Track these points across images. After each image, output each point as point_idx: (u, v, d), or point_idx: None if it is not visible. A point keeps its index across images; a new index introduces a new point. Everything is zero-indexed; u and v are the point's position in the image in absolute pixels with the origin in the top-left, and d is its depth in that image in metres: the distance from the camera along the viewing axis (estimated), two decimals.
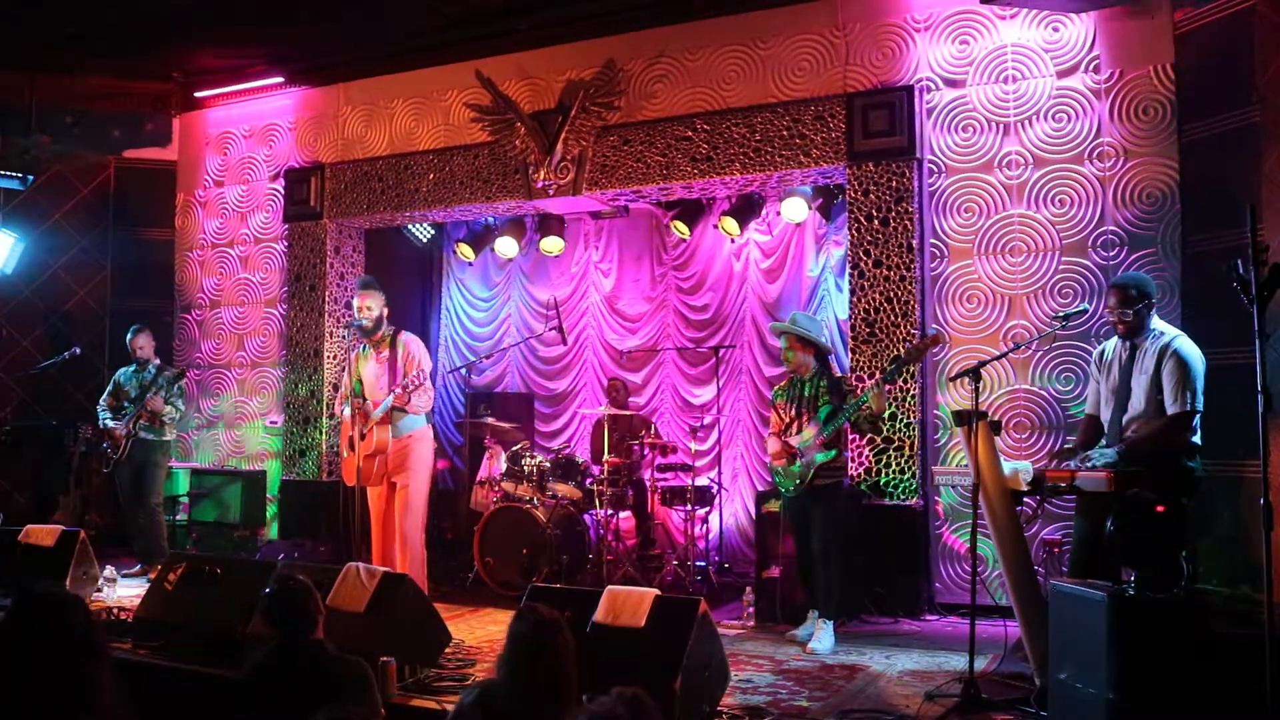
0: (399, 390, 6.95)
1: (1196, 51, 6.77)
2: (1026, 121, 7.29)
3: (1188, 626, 4.13)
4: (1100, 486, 4.95)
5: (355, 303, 7.34)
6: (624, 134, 8.46)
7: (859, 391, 6.35)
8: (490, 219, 10.14)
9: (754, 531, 7.76)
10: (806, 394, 6.51)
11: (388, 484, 7.22)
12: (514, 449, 8.61)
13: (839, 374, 6.86)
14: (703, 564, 8.40)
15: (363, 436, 7.09)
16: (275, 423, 10.03)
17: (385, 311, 7.34)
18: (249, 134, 10.43)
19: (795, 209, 8.76)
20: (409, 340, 7.30)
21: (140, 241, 10.77)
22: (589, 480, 8.41)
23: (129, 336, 8.83)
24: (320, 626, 3.92)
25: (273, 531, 9.75)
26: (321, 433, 9.57)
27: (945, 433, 7.38)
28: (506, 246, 10.10)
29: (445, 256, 11.10)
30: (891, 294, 7.46)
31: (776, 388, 6.89)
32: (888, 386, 6.65)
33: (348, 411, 7.23)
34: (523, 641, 3.37)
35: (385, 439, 7.11)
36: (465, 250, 10.33)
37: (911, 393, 7.34)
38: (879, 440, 7.35)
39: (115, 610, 6.32)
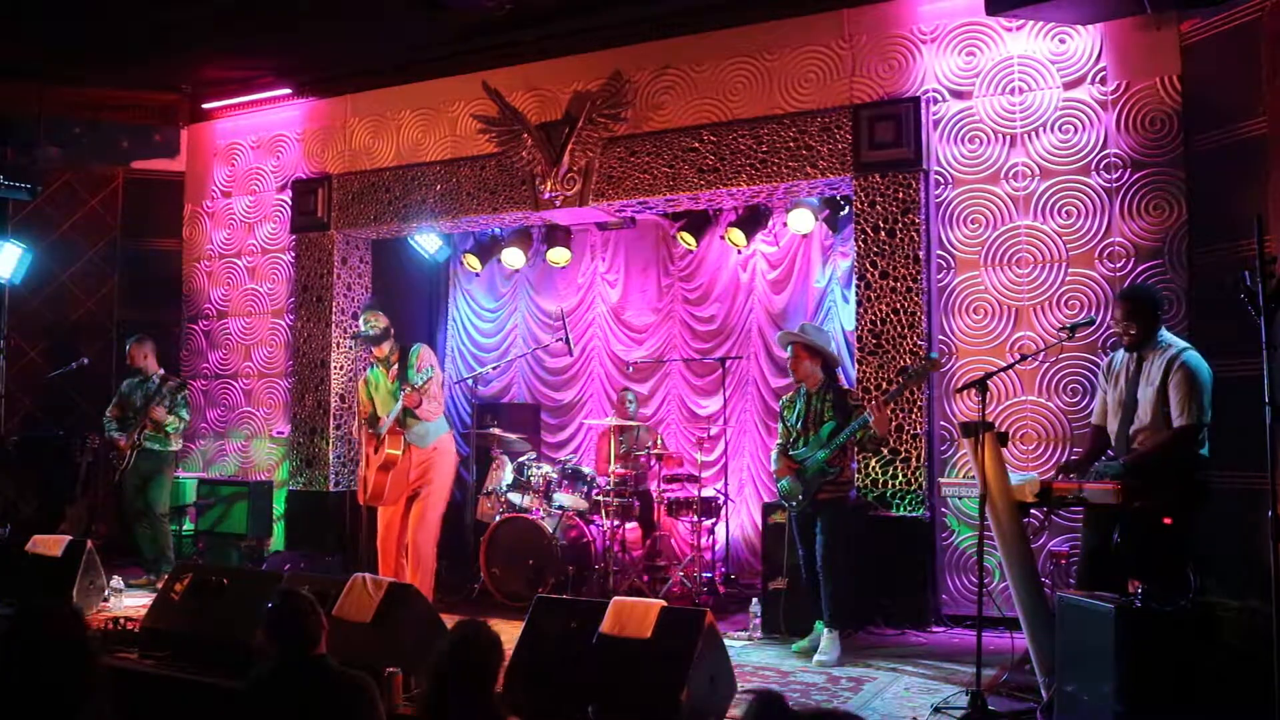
0: (407, 390, 6.98)
1: (1203, 63, 6.77)
2: (1033, 133, 7.29)
3: (1195, 638, 4.13)
4: (1107, 499, 4.94)
5: (361, 317, 7.44)
6: (630, 145, 8.48)
7: (865, 405, 6.35)
8: (497, 230, 10.16)
9: (760, 542, 7.74)
10: (812, 408, 6.52)
11: (405, 500, 7.24)
12: (520, 459, 8.62)
13: (846, 388, 6.86)
14: (709, 575, 8.39)
15: (379, 438, 7.11)
16: (282, 433, 10.04)
17: (391, 330, 7.40)
18: (256, 145, 10.47)
19: (801, 220, 8.77)
20: (422, 351, 7.36)
21: (148, 252, 10.80)
22: (595, 491, 8.41)
23: (127, 347, 8.84)
24: (323, 642, 3.91)
25: (279, 542, 9.76)
26: (328, 443, 9.57)
27: (952, 444, 7.37)
28: (513, 257, 10.13)
29: (452, 267, 11.12)
30: (898, 305, 7.46)
31: (783, 399, 6.90)
32: (888, 409, 6.65)
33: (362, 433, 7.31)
34: (444, 655, 3.36)
35: (396, 453, 7.12)
36: (472, 261, 10.35)
37: (918, 404, 7.33)
38: (885, 452, 7.34)
39: (122, 620, 6.31)
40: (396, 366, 7.29)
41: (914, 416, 7.34)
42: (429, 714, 3.34)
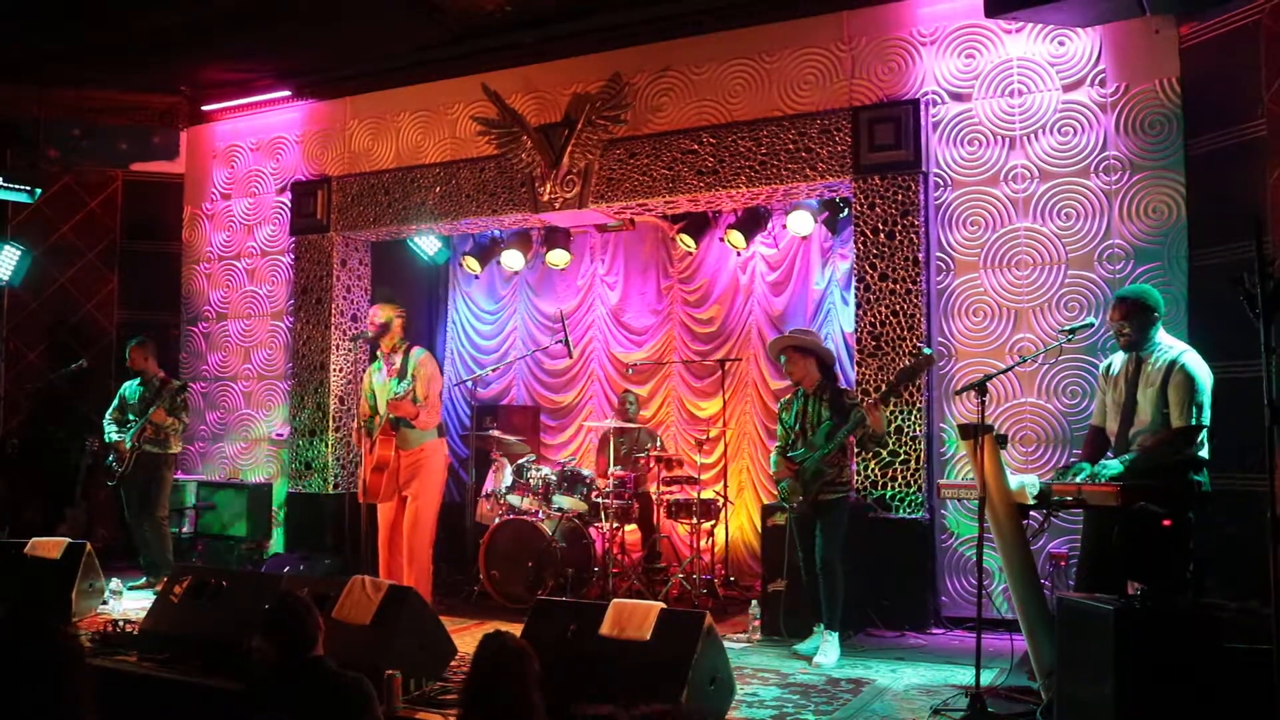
0: (393, 397, 6.99)
1: (1202, 65, 6.78)
2: (1032, 135, 7.30)
3: (1194, 640, 4.12)
4: (1107, 500, 4.94)
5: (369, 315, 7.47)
6: (630, 147, 8.48)
7: (861, 404, 6.35)
8: (496, 232, 10.17)
9: (760, 545, 7.74)
10: (810, 409, 6.51)
11: (398, 498, 7.23)
12: (520, 462, 8.61)
13: (844, 387, 6.86)
14: (708, 577, 8.39)
15: (372, 440, 7.11)
16: (281, 436, 10.04)
17: (398, 324, 7.38)
18: (256, 147, 10.47)
19: (801, 222, 8.79)
20: (422, 357, 7.32)
21: (147, 254, 10.80)
22: (594, 493, 8.41)
23: (128, 349, 8.84)
24: (320, 644, 3.91)
25: (278, 544, 9.75)
26: (328, 445, 9.57)
27: (952, 445, 7.37)
28: (512, 259, 10.14)
29: (451, 269, 11.13)
30: (897, 307, 7.46)
31: (781, 401, 6.89)
32: (885, 407, 6.65)
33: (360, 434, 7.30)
34: (481, 670, 3.35)
35: (388, 454, 7.12)
36: (471, 263, 10.36)
37: (918, 406, 7.33)
38: (885, 454, 7.34)
39: (121, 623, 6.31)
40: (399, 364, 7.27)
41: (913, 418, 7.34)
42: None
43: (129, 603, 7.41)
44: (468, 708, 3.34)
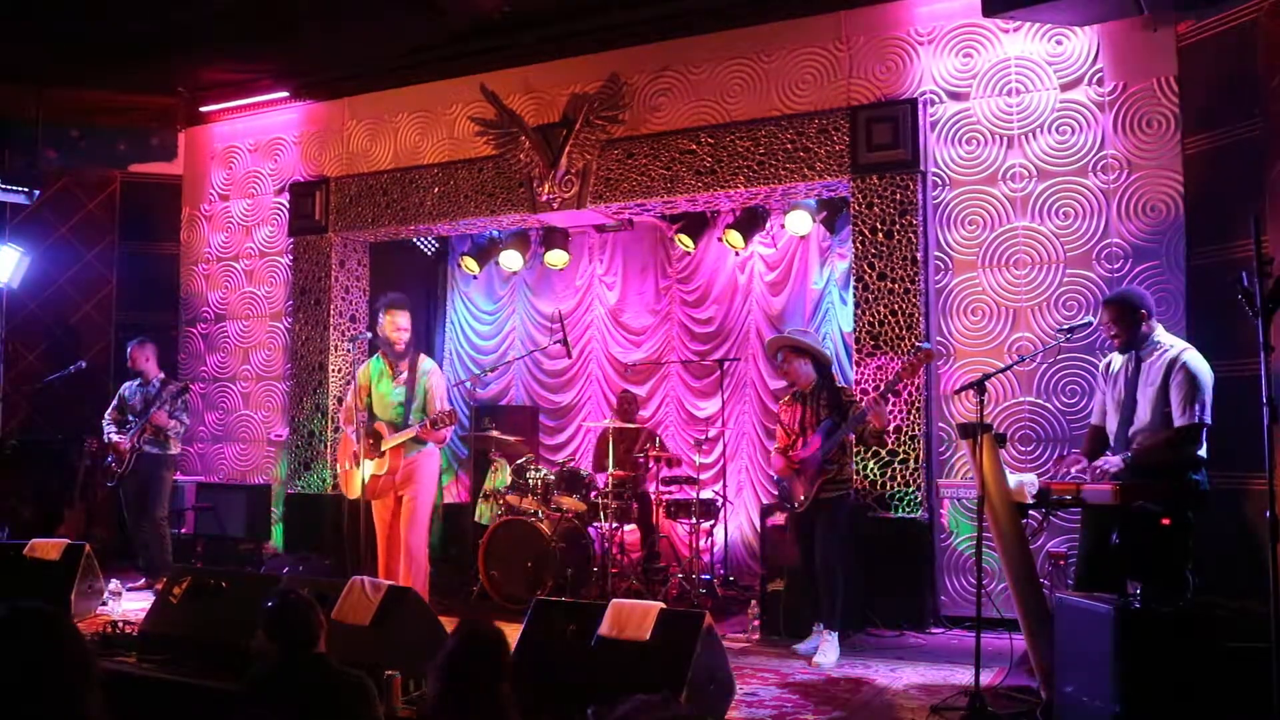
0: (425, 423, 6.92)
1: (1199, 64, 6.78)
2: (1030, 134, 7.30)
3: (1193, 639, 4.12)
4: (1105, 499, 4.94)
5: (385, 319, 7.23)
6: (628, 147, 8.48)
7: (860, 405, 6.36)
8: (495, 232, 10.16)
9: (759, 544, 7.74)
10: (808, 408, 6.52)
11: (394, 498, 7.22)
12: (519, 462, 8.60)
13: (841, 385, 6.86)
14: (708, 577, 8.38)
15: (380, 453, 7.07)
16: (280, 436, 10.03)
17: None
18: (254, 148, 10.46)
19: (799, 222, 8.78)
20: (432, 371, 7.26)
21: (146, 255, 10.80)
22: (594, 493, 8.40)
23: (129, 349, 8.83)
24: (322, 641, 3.90)
25: (277, 545, 9.75)
26: (326, 446, 9.57)
27: (950, 445, 7.37)
28: (511, 260, 10.13)
29: (450, 270, 11.12)
30: (896, 307, 7.46)
31: (782, 400, 6.90)
32: (885, 404, 6.66)
33: (350, 426, 7.24)
34: (455, 653, 3.34)
35: (398, 463, 7.11)
36: (470, 263, 10.35)
37: (916, 405, 7.33)
38: (884, 453, 7.35)
39: (120, 624, 6.30)
40: (407, 374, 7.21)
41: (912, 418, 7.34)
42: (438, 714, 3.34)
43: (128, 604, 7.38)
44: (438, 688, 3.33)
